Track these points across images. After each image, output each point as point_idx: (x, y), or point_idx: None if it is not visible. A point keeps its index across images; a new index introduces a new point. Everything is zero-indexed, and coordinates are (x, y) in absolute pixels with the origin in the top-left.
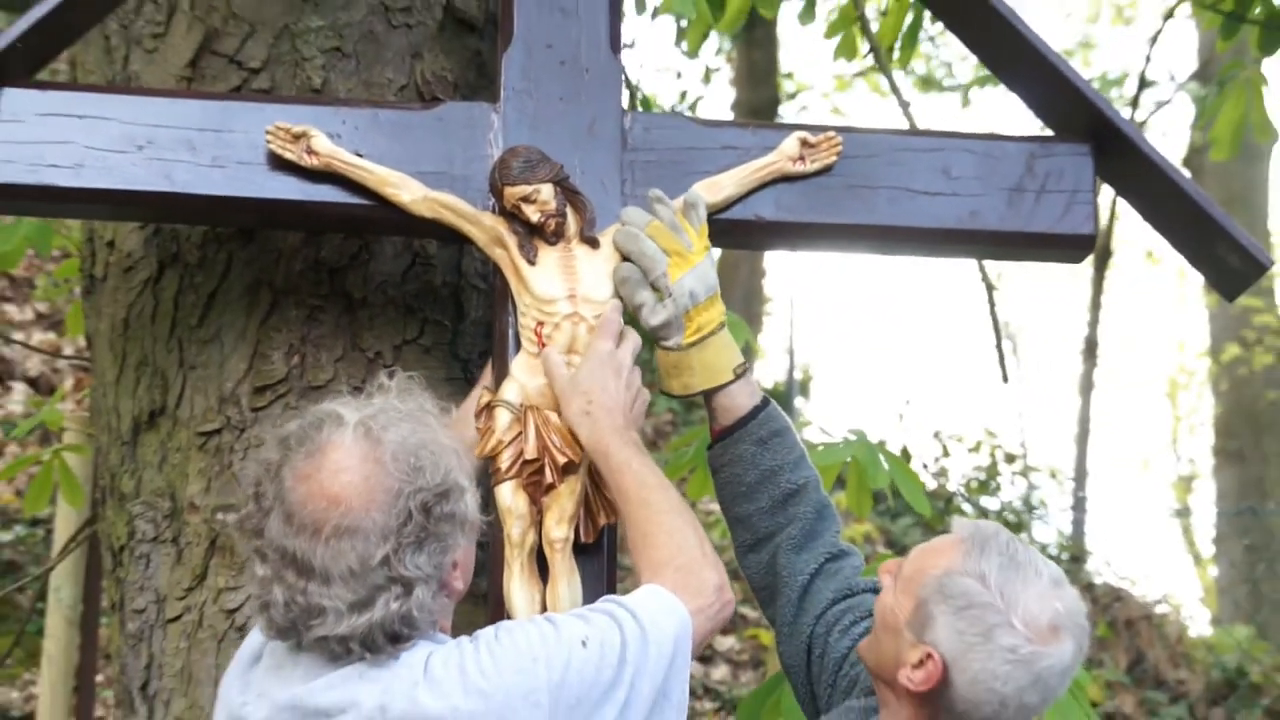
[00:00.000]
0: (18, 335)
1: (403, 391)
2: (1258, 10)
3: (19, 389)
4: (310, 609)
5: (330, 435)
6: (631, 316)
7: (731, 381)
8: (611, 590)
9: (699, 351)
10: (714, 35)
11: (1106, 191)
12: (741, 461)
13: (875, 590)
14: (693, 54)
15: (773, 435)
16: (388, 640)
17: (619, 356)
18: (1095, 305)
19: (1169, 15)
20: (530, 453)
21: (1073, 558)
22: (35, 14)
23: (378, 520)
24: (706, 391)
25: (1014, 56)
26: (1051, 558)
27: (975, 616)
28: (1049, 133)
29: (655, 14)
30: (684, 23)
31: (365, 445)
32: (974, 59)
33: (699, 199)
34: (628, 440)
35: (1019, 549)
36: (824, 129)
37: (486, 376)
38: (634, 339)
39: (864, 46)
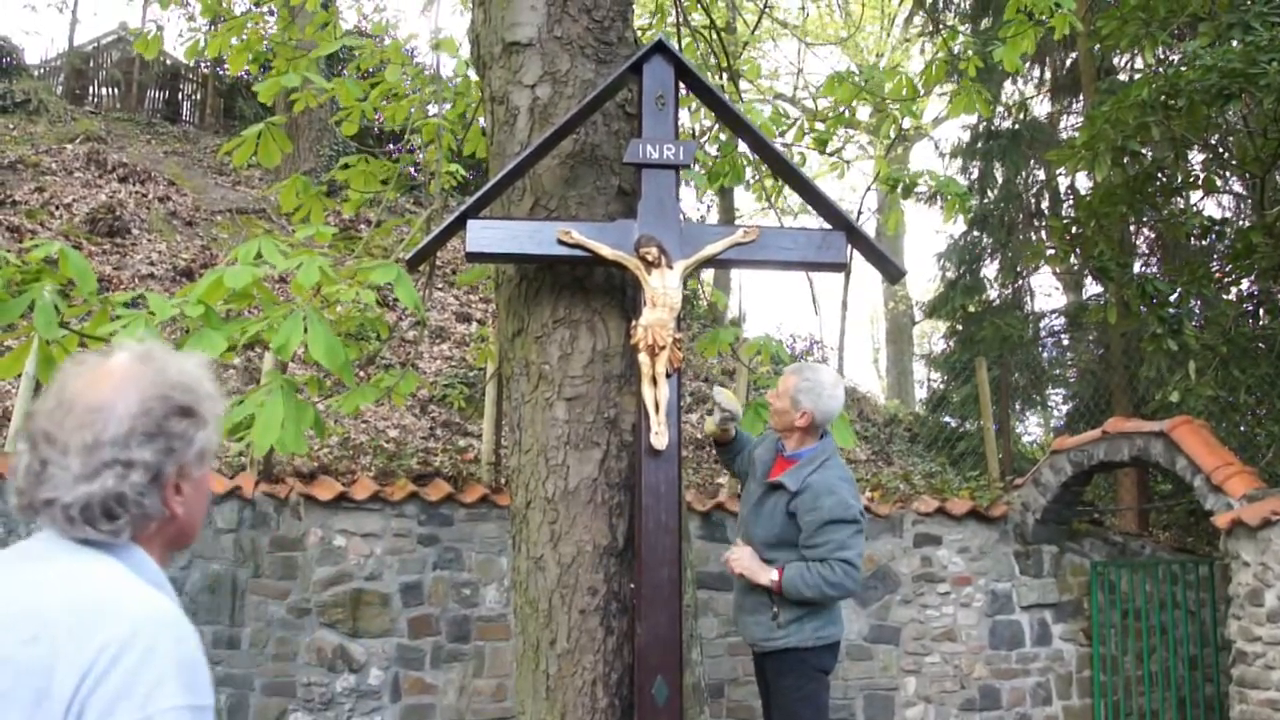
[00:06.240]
0: (479, 304)
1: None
2: (899, 189)
3: (474, 326)
4: (42, 475)
5: (115, 354)
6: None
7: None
8: (677, 395)
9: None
10: (709, 193)
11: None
12: (735, 450)
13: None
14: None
15: (741, 440)
16: (103, 516)
17: None
18: (845, 288)
19: (869, 188)
20: (648, 340)
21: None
22: (478, 195)
23: (119, 407)
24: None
25: (817, 200)
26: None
27: (814, 390)
28: (829, 226)
29: (689, 182)
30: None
31: (137, 360)
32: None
33: (731, 408)
34: None
35: (818, 367)
36: (751, 227)
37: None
38: None
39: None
